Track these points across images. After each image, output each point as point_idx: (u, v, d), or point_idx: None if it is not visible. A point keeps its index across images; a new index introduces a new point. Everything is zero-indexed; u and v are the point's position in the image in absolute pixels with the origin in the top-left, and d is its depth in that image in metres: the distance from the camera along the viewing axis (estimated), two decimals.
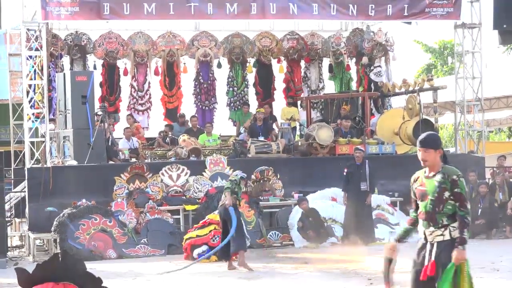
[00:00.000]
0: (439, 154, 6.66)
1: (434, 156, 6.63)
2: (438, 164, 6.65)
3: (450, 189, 6.50)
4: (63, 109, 17.32)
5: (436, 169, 6.64)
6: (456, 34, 19.88)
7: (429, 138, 6.79)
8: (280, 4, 17.83)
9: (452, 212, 6.49)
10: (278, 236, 16.67)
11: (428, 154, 6.62)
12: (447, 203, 6.49)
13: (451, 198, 6.49)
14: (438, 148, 6.67)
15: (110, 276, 12.26)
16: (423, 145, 6.67)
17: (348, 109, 20.38)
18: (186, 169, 17.12)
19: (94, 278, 4.70)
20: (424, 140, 6.72)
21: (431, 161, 6.64)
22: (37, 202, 16.13)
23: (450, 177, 6.51)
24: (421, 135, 6.88)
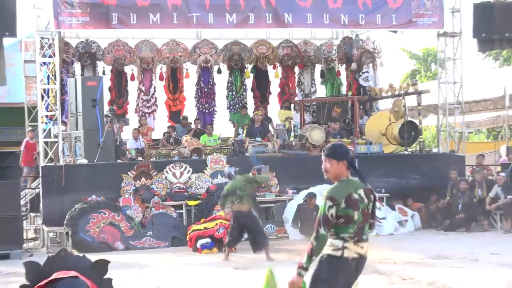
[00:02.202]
0: (343, 166, 5.97)
1: (336, 167, 5.96)
2: (339, 177, 5.98)
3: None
4: (74, 112, 17.33)
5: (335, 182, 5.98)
6: (438, 42, 19.90)
7: (332, 148, 6.10)
8: (276, 14, 17.82)
9: (334, 229, 5.76)
10: (273, 229, 16.67)
11: (330, 165, 5.97)
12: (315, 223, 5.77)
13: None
14: (341, 159, 5.98)
15: (118, 266, 12.25)
16: (325, 155, 6.01)
17: (339, 111, 20.43)
18: (189, 167, 17.13)
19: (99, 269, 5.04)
20: (327, 150, 6.05)
21: (332, 172, 5.96)
22: (51, 197, 16.13)
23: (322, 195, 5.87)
24: (327, 146, 6.16)
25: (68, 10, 16.68)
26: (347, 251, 5.76)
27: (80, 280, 4.90)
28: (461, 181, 17.65)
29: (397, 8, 18.52)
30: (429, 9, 18.75)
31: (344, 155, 6.03)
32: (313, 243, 5.69)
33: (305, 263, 5.69)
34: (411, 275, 10.93)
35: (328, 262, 5.76)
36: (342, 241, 5.76)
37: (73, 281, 4.90)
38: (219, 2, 17.49)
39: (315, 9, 18.02)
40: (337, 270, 5.77)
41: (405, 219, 17.38)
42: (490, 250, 13.34)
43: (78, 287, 4.89)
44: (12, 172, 15.08)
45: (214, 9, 17.51)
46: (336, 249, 5.75)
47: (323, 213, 5.71)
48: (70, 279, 4.89)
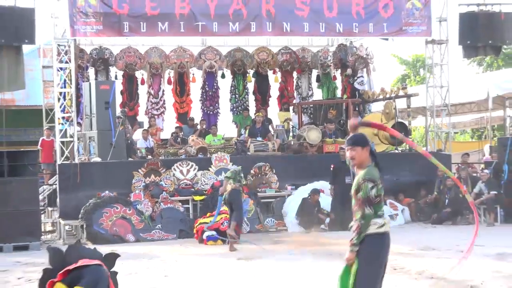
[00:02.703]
0: (366, 152, 6.10)
1: (361, 154, 6.12)
2: (365, 164, 6.12)
3: (358, 190, 6.00)
4: (89, 113, 17.35)
5: (362, 169, 6.11)
6: (427, 49, 19.88)
7: (354, 137, 6.21)
8: (275, 23, 17.83)
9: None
10: (273, 222, 16.68)
11: (357, 154, 6.10)
12: (359, 204, 5.98)
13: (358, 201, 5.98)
14: (364, 145, 6.13)
15: (129, 257, 12.27)
16: (349, 144, 6.12)
17: (334, 113, 20.43)
18: (195, 165, 17.13)
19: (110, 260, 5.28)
20: (350, 140, 6.18)
21: (359, 159, 6.11)
22: (67, 193, 16.15)
23: (359, 179, 6.03)
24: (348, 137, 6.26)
25: (83, 19, 16.69)
26: (385, 227, 5.99)
27: (103, 268, 5.15)
28: (447, 178, 17.64)
29: (388, 17, 18.51)
30: (418, 18, 18.75)
31: (366, 142, 6.23)
32: (360, 221, 5.90)
33: (355, 240, 5.89)
34: (401, 265, 10.93)
35: (375, 240, 5.94)
36: (381, 219, 5.97)
37: (98, 268, 5.14)
38: (223, 12, 17.49)
39: (312, 18, 18.03)
40: (384, 246, 6.00)
41: (396, 213, 17.38)
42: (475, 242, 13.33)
43: (102, 274, 5.12)
44: (31, 169, 15.07)
45: (218, 18, 17.51)
46: (379, 226, 5.95)
47: (366, 195, 5.93)
48: (96, 266, 5.13)
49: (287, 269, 11.01)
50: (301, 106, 21.58)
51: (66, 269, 5.09)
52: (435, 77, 19.95)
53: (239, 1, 17.56)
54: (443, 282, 9.19)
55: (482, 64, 36.78)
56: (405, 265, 10.95)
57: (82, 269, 5.07)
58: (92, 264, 5.12)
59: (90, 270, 5.09)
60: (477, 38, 19.44)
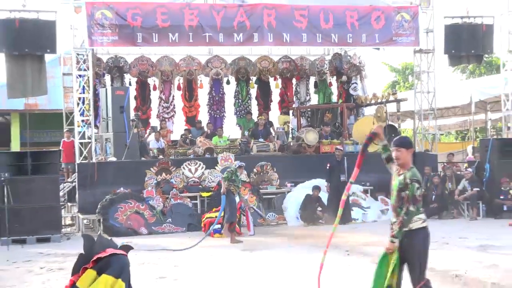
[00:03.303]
0: (409, 154, 6.26)
1: (405, 155, 6.26)
2: (408, 164, 6.26)
3: (405, 190, 6.13)
4: (105, 117, 17.35)
5: (405, 169, 6.25)
6: (415, 57, 19.87)
7: (400, 139, 6.42)
8: (276, 34, 17.81)
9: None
10: (274, 216, 16.70)
11: (401, 154, 6.25)
12: (404, 201, 6.14)
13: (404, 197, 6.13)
14: (408, 147, 6.29)
15: (142, 248, 12.27)
16: (395, 145, 6.32)
17: (330, 117, 20.42)
18: (202, 164, 17.14)
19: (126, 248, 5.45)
20: (396, 141, 6.37)
21: (403, 160, 6.26)
22: (85, 190, 16.15)
23: (405, 179, 6.13)
24: (395, 138, 6.45)
25: (100, 31, 16.69)
26: (427, 221, 6.25)
27: (127, 258, 5.32)
28: (434, 176, 17.65)
29: (380, 29, 18.49)
30: (407, 30, 18.73)
31: (410, 144, 6.42)
32: (403, 217, 6.08)
33: (396, 234, 6.11)
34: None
35: (422, 235, 6.18)
36: (423, 214, 6.23)
37: (124, 258, 5.31)
38: (228, 24, 17.48)
39: (310, 29, 18.01)
40: (428, 238, 6.25)
41: (387, 208, 17.35)
42: (459, 235, 13.31)
43: (126, 263, 5.31)
44: (52, 168, 15.09)
45: (224, 29, 17.51)
46: (423, 221, 6.19)
47: (413, 194, 6.10)
48: (122, 256, 5.31)
49: (287, 260, 11.01)
50: (299, 110, 21.59)
51: (97, 256, 5.20)
52: (423, 83, 19.94)
53: (243, 14, 17.56)
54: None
55: (466, 72, 36.78)
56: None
57: (109, 257, 5.21)
58: (118, 253, 5.27)
59: (116, 259, 5.22)
60: (461, 48, 19.45)
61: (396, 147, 6.30)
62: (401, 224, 6.07)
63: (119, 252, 5.25)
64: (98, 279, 5.12)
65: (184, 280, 9.43)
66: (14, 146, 25.43)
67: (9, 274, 10.46)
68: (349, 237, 13.62)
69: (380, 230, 14.65)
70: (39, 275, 10.17)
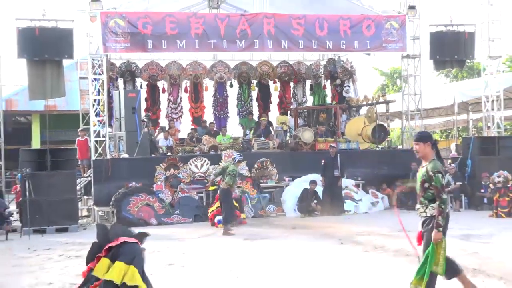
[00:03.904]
0: (428, 146, 6.31)
1: (424, 148, 6.33)
2: (429, 156, 6.32)
3: (429, 181, 6.19)
4: (118, 117, 17.33)
5: (426, 161, 6.32)
6: (402, 62, 19.86)
7: (419, 134, 6.54)
8: (275, 41, 17.80)
9: (432, 197, 6.24)
10: (273, 208, 16.67)
11: (420, 147, 6.32)
12: (427, 191, 6.24)
13: (430, 188, 6.22)
14: (426, 141, 6.34)
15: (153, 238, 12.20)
16: (414, 140, 6.45)
17: (324, 117, 20.41)
18: (207, 160, 17.11)
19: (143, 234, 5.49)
20: (416, 136, 6.51)
21: (422, 152, 6.34)
22: (100, 184, 16.13)
23: (428, 172, 6.20)
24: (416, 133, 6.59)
25: (114, 38, 16.69)
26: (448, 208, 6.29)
27: (138, 246, 5.27)
28: None
29: (371, 36, 18.48)
30: (395, 37, 18.71)
31: (427, 138, 6.42)
32: (441, 206, 6.13)
33: (441, 222, 6.16)
34: (381, 244, 10.91)
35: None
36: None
37: (135, 245, 5.24)
38: (231, 32, 17.47)
39: (306, 37, 18.00)
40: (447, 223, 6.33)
41: (377, 201, 17.36)
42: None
43: (138, 250, 5.25)
44: (70, 164, 15.09)
45: (227, 37, 17.50)
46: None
47: (440, 184, 6.15)
48: (133, 244, 5.23)
49: (285, 248, 11.00)
50: (297, 111, 21.55)
51: (109, 245, 5.15)
52: (410, 86, 19.94)
53: (245, 23, 17.54)
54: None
55: (449, 76, 36.75)
56: (384, 244, 10.93)
57: (122, 245, 5.15)
58: (130, 241, 5.20)
59: (128, 247, 5.16)
60: (445, 53, 19.45)
61: (415, 141, 6.40)
62: (442, 213, 6.13)
63: (131, 240, 5.21)
64: (112, 266, 5.08)
65: (191, 267, 9.42)
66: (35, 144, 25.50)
67: (31, 261, 10.47)
68: (342, 227, 13.62)
69: (371, 221, 14.69)
70: (58, 262, 10.17)
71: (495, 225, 13.35)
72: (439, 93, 24.41)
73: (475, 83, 24.23)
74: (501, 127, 19.80)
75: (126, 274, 5.02)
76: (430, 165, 6.23)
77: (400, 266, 8.98)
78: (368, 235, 12.24)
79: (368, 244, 11.07)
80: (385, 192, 17.80)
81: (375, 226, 13.64)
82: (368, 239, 11.68)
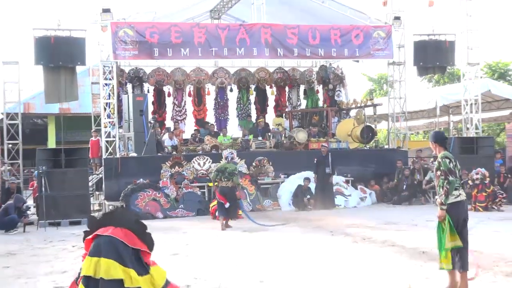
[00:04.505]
0: (436, 145, 6.55)
1: (434, 147, 6.61)
2: (440, 153, 6.52)
3: (439, 168, 6.35)
4: (127, 119, 17.34)
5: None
6: (389, 68, 19.88)
7: (430, 134, 6.82)
8: (272, 49, 17.80)
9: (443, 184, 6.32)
10: (270, 203, 16.68)
11: (432, 146, 6.62)
12: (440, 178, 6.33)
13: (441, 175, 6.32)
14: (435, 142, 6.59)
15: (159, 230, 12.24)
16: (430, 140, 6.70)
17: (317, 119, 20.42)
18: (209, 159, 17.12)
19: (142, 224, 4.43)
20: (430, 136, 6.78)
21: (434, 150, 6.63)
22: (110, 180, 16.12)
23: (437, 159, 6.43)
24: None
25: (123, 46, 16.67)
26: (460, 196, 6.35)
27: (105, 237, 4.25)
28: (405, 168, 17.66)
29: (359, 44, 18.49)
30: (382, 45, 18.73)
31: (434, 137, 6.67)
32: (446, 187, 6.23)
33: (444, 201, 6.23)
34: (369, 236, 10.93)
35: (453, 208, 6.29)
36: (457, 191, 6.33)
37: (102, 237, 4.26)
38: (231, 40, 17.46)
39: (300, 45, 18.00)
40: (459, 209, 6.33)
41: (365, 196, 17.38)
42: (426, 218, 13.26)
43: (103, 242, 4.23)
44: (82, 162, 15.10)
45: (227, 45, 17.48)
46: (456, 196, 6.32)
47: (447, 167, 6.29)
48: (101, 236, 4.26)
49: (281, 239, 11.01)
50: (291, 113, 21.58)
51: (87, 238, 4.35)
52: (395, 90, 19.95)
53: (244, 32, 17.54)
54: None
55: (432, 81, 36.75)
56: (372, 236, 10.94)
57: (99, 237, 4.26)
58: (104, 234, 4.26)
59: (96, 240, 4.25)
60: (428, 60, 19.49)
61: (430, 141, 6.71)
62: (446, 192, 6.22)
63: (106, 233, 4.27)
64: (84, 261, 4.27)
65: (194, 256, 9.43)
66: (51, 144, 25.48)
67: (47, 251, 10.47)
68: (333, 220, 13.63)
69: (359, 215, 14.71)
70: (72, 252, 10.17)
71: (473, 218, 13.13)
72: (422, 97, 24.41)
73: (455, 88, 24.24)
74: (479, 128, 19.83)
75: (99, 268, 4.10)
76: (440, 154, 6.45)
77: (386, 255, 9.00)
78: (357, 228, 12.26)
79: (357, 236, 11.08)
80: (373, 188, 17.83)
81: (363, 219, 13.66)
82: (357, 231, 11.70)
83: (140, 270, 4.17)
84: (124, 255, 4.13)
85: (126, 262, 4.11)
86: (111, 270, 4.05)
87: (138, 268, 4.18)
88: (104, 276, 4.05)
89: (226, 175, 12.76)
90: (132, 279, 4.08)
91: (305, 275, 7.69)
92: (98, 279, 4.07)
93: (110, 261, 4.07)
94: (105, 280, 4.05)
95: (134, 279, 4.08)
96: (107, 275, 4.04)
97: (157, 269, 4.29)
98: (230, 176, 12.75)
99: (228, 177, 12.75)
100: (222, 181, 12.78)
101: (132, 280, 4.07)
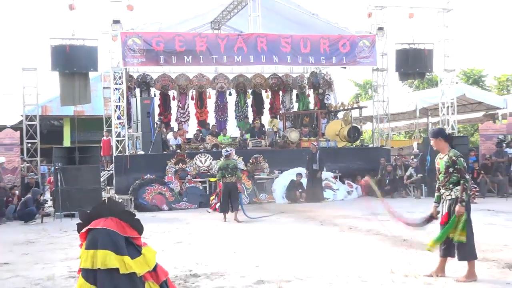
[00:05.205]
0: (441, 141, 6.29)
1: (438, 143, 6.32)
2: (445, 148, 6.30)
3: (452, 166, 6.15)
4: (136, 120, 17.33)
5: (444, 152, 6.29)
6: (373, 74, 19.88)
7: (431, 131, 6.51)
8: (267, 56, 17.78)
9: (456, 181, 6.17)
10: (265, 196, 16.67)
11: (435, 142, 6.33)
12: (452, 175, 6.17)
13: (454, 172, 6.16)
14: (437, 137, 6.32)
15: (164, 221, 12.26)
16: (431, 136, 6.43)
17: (308, 120, 20.42)
18: (210, 156, 17.10)
19: (130, 213, 4.33)
20: (430, 133, 6.50)
21: (438, 146, 6.34)
22: (120, 176, 16.10)
23: (451, 158, 6.18)
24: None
25: (132, 54, 16.64)
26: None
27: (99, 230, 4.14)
28: (387, 165, 17.66)
29: (346, 52, 18.47)
30: (367, 53, 18.71)
31: (436, 134, 6.38)
32: (465, 184, 6.10)
33: (464, 197, 6.12)
34: (355, 226, 10.94)
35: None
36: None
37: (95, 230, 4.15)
38: (230, 49, 17.43)
39: (292, 53, 17.97)
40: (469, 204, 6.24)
41: (351, 190, 17.39)
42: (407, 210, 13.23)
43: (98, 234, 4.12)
44: (95, 159, 15.08)
45: (227, 53, 17.44)
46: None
47: (463, 166, 6.16)
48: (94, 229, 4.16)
49: (275, 228, 11.01)
50: (285, 115, 21.59)
51: (81, 232, 4.22)
52: (379, 94, 19.95)
53: (241, 41, 17.51)
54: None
55: (412, 86, 36.80)
56: (357, 225, 10.96)
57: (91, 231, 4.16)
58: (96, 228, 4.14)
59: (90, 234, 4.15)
60: (408, 67, 19.46)
61: (430, 138, 6.43)
62: (465, 190, 6.10)
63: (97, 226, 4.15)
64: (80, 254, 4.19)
65: (196, 244, 9.42)
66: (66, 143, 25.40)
67: (62, 240, 10.46)
68: (323, 212, 13.64)
69: (346, 207, 14.72)
70: None
71: None
72: (404, 100, 24.44)
73: (433, 92, 24.27)
74: (455, 129, 19.86)
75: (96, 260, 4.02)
76: (451, 152, 6.22)
77: (370, 243, 9.02)
78: (344, 218, 12.27)
79: (344, 225, 11.10)
80: (359, 183, 17.84)
81: (350, 211, 13.67)
82: (344, 221, 11.71)
83: (133, 253, 4.13)
84: (118, 244, 4.09)
85: (120, 250, 4.08)
86: (107, 260, 4.01)
87: (131, 252, 4.14)
88: (101, 267, 4.02)
89: (229, 171, 12.59)
90: (126, 265, 4.04)
91: (297, 260, 7.70)
92: (96, 270, 4.04)
93: (105, 252, 4.04)
94: (102, 270, 4.02)
95: (128, 265, 4.05)
96: (103, 265, 4.02)
97: (148, 249, 4.27)
98: (233, 172, 12.60)
99: (231, 173, 12.58)
100: (226, 177, 12.64)
101: (126, 266, 4.04)
